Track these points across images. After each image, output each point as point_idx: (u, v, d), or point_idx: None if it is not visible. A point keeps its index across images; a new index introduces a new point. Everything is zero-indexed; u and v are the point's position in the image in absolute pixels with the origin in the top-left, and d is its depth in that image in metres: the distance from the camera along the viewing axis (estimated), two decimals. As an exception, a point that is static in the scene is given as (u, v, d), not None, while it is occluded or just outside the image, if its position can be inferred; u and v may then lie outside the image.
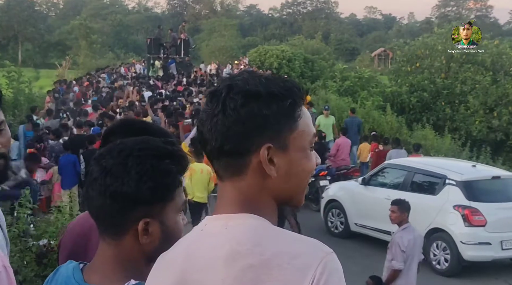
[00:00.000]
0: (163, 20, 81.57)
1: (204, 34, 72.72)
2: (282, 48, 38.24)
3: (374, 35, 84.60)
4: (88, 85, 25.45)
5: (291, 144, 1.28)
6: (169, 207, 1.50)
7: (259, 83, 1.28)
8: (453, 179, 9.72)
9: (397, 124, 21.53)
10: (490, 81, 24.43)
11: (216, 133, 1.27)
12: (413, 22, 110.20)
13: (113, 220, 1.48)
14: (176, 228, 1.53)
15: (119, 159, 1.48)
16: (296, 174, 1.30)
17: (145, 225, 1.47)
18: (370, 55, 62.15)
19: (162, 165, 1.48)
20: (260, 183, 1.28)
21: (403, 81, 26.73)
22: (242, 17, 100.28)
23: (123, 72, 33.79)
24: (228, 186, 1.31)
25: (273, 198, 1.30)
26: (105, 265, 1.51)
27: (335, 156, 14.22)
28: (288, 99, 1.28)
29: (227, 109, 1.25)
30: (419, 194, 10.14)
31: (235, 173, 1.29)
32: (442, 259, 9.61)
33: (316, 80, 31.68)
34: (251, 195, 1.28)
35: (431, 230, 9.68)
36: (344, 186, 11.80)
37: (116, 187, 1.45)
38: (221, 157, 1.29)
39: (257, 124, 1.25)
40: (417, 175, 10.42)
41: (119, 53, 61.63)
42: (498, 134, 23.75)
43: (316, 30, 73.95)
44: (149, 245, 1.49)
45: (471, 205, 9.33)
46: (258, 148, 1.26)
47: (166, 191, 1.49)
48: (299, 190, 1.33)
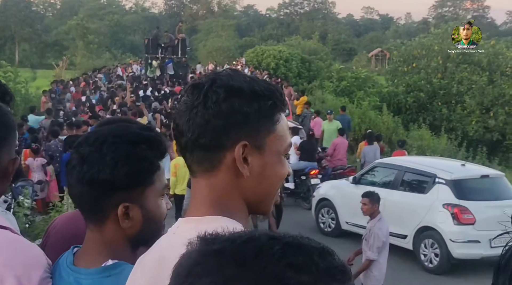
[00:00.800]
0: (161, 21, 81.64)
1: (202, 34, 72.74)
2: (279, 48, 38.25)
3: (371, 36, 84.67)
4: (85, 85, 25.45)
5: (267, 146, 1.28)
6: (148, 191, 1.52)
7: (243, 81, 1.27)
8: (443, 178, 9.83)
9: (394, 124, 21.59)
10: (487, 82, 24.48)
11: (193, 125, 1.26)
12: (410, 22, 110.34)
13: (93, 207, 1.51)
14: (157, 212, 1.55)
15: (95, 146, 1.49)
16: (269, 178, 1.29)
17: (125, 210, 1.49)
18: (367, 55, 62.19)
19: (137, 150, 1.50)
20: (232, 181, 1.27)
21: (399, 81, 26.77)
22: (240, 17, 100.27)
23: (120, 73, 33.79)
24: (201, 183, 1.30)
25: (244, 200, 1.30)
26: (91, 249, 1.55)
27: (332, 156, 14.28)
28: (270, 100, 1.28)
29: (208, 101, 1.24)
30: (409, 192, 10.34)
31: (208, 168, 1.28)
32: (432, 257, 9.72)
33: (313, 81, 31.72)
34: (223, 194, 1.28)
35: (421, 228, 9.82)
36: (335, 185, 11.89)
37: (93, 174, 1.47)
38: (196, 150, 1.28)
39: (237, 120, 1.25)
40: (407, 174, 10.54)
41: (116, 53, 61.57)
42: (494, 134, 23.81)
43: (313, 30, 73.93)
44: (131, 229, 1.52)
45: (460, 204, 9.45)
46: (234, 144, 1.25)
47: (143, 175, 1.50)
48: (269, 195, 1.33)
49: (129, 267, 1.48)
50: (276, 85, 1.35)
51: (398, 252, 10.03)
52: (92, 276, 1.50)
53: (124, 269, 1.48)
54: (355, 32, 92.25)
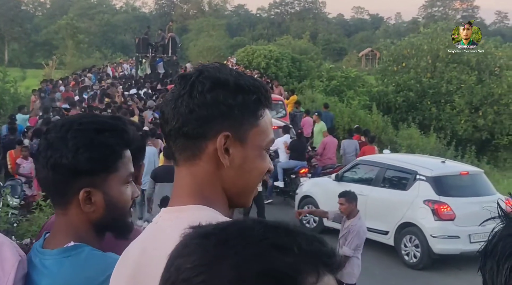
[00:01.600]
0: (151, 20, 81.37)
1: (192, 34, 72.59)
2: (270, 48, 38.25)
3: (361, 35, 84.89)
4: (74, 85, 25.36)
5: (249, 139, 1.31)
6: (112, 178, 1.56)
7: (230, 74, 1.31)
8: (424, 175, 9.97)
9: (383, 123, 21.66)
10: (476, 81, 24.61)
11: (178, 114, 1.29)
12: (400, 22, 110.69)
13: (57, 191, 1.58)
14: (121, 199, 1.59)
15: (61, 133, 1.55)
16: (249, 170, 1.32)
17: (87, 195, 1.54)
18: (357, 55, 62.34)
19: (100, 137, 1.55)
20: (213, 171, 1.30)
21: (389, 81, 26.86)
22: (230, 17, 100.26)
23: (110, 72, 33.71)
24: (183, 172, 1.33)
25: (224, 191, 1.32)
26: (58, 232, 1.60)
27: (322, 155, 14.32)
28: (254, 95, 1.31)
29: (194, 91, 1.28)
30: (391, 189, 10.50)
31: (190, 156, 1.31)
32: (412, 253, 9.83)
33: (303, 80, 31.74)
34: (203, 183, 1.30)
35: (402, 224, 9.95)
36: (318, 182, 11.99)
37: (56, 158, 1.53)
38: (179, 138, 1.31)
39: (220, 111, 1.27)
40: (388, 171, 10.69)
41: (106, 53, 61.38)
42: (483, 133, 23.95)
43: (303, 30, 74.02)
44: (94, 214, 1.57)
45: (440, 200, 9.59)
46: (217, 135, 1.28)
47: (105, 162, 1.55)
48: (249, 188, 1.35)
49: (89, 249, 1.54)
50: (262, 82, 1.39)
51: (380, 248, 10.14)
52: (53, 257, 1.55)
53: (84, 250, 1.53)
54: (346, 32, 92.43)
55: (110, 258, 1.52)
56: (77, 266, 1.51)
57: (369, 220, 10.50)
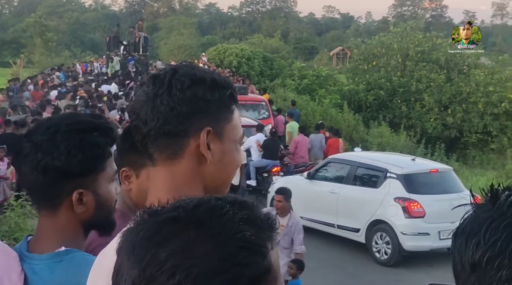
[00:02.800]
0: (121, 18, 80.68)
1: (163, 32, 72.19)
2: (241, 46, 38.28)
3: (332, 34, 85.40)
4: (43, 83, 25.02)
5: (226, 134, 1.33)
6: (101, 177, 1.58)
7: (203, 71, 1.33)
8: (394, 172, 10.08)
9: (354, 122, 21.84)
10: (445, 80, 24.97)
11: (158, 113, 1.28)
12: (370, 21, 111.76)
13: (47, 193, 1.55)
14: (109, 197, 1.61)
15: (48, 135, 1.54)
16: (227, 164, 1.34)
17: (79, 196, 1.55)
18: (328, 54, 62.68)
19: (90, 138, 1.55)
20: (194, 168, 1.31)
21: (360, 79, 27.09)
22: (201, 15, 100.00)
23: (79, 71, 33.38)
24: (161, 171, 1.32)
25: (203, 187, 1.32)
26: (45, 236, 1.58)
27: (294, 154, 14.38)
28: (229, 90, 1.34)
29: (173, 89, 1.28)
30: (362, 187, 10.60)
31: (171, 155, 1.31)
32: (383, 250, 9.94)
33: (275, 79, 31.84)
34: (183, 181, 1.31)
35: (373, 222, 10.05)
36: (290, 180, 12.01)
37: (47, 161, 1.51)
38: (160, 137, 1.30)
39: (200, 107, 1.29)
40: (359, 169, 10.78)
41: (76, 51, 60.74)
42: (452, 131, 24.30)
43: (275, 29, 74.16)
44: (84, 214, 1.57)
45: (410, 197, 9.69)
46: (198, 131, 1.29)
47: (96, 162, 1.56)
48: (226, 182, 1.37)
49: (81, 254, 1.53)
50: (229, 79, 1.41)
51: (351, 245, 10.24)
52: (44, 261, 1.53)
53: (76, 255, 1.53)
54: (317, 31, 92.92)
55: None
56: (70, 272, 1.50)
57: (340, 217, 10.61)
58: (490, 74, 24.73)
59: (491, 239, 0.71)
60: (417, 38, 27.01)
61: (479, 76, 24.44)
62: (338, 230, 10.66)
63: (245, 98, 18.39)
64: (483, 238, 0.72)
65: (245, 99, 18.30)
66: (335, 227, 10.70)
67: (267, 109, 18.80)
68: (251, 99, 19.37)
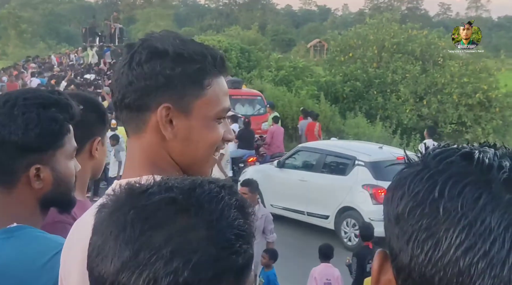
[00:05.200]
0: (97, 10, 79.91)
1: (139, 24, 71.64)
2: (219, 38, 38.07)
3: (309, 27, 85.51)
4: (17, 74, 24.72)
5: (194, 110, 1.27)
6: (59, 153, 1.55)
7: (171, 43, 1.27)
8: (362, 160, 10.28)
9: (331, 113, 21.94)
10: (420, 71, 25.14)
11: (119, 85, 1.27)
12: (347, 13, 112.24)
13: (4, 169, 1.53)
14: (67, 173, 1.59)
15: (5, 109, 1.51)
16: (196, 142, 1.29)
17: (37, 171, 1.52)
18: (305, 46, 62.75)
19: (48, 113, 1.52)
20: (159, 143, 1.28)
21: (337, 71, 27.17)
22: (178, 7, 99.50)
23: (55, 62, 33.07)
24: (133, 143, 1.32)
25: (176, 162, 1.30)
26: (1, 212, 1.55)
27: (270, 144, 14.43)
28: (197, 64, 1.27)
29: (132, 62, 1.26)
30: (331, 175, 10.79)
31: (135, 129, 1.30)
32: (352, 236, 10.12)
33: (252, 70, 31.80)
34: (152, 155, 1.29)
35: (342, 209, 10.24)
36: (260, 169, 12.15)
37: (4, 135, 1.50)
38: (123, 110, 1.30)
39: (159, 82, 1.25)
40: (328, 157, 10.97)
41: (51, 43, 60.00)
42: (427, 122, 24.49)
43: (252, 21, 73.98)
44: (42, 191, 1.54)
45: (378, 184, 9.82)
46: (158, 106, 1.25)
47: (54, 137, 1.54)
48: (200, 160, 1.32)
49: (32, 230, 1.51)
50: (214, 49, 1.33)
51: (321, 232, 10.36)
52: None
53: (26, 232, 1.50)
54: (294, 23, 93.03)
55: (53, 240, 1.49)
56: (18, 248, 1.47)
57: (310, 205, 10.76)
58: (465, 66, 24.95)
59: (414, 190, 0.73)
60: (393, 29, 27.17)
61: (454, 68, 24.65)
62: (308, 217, 10.82)
63: (239, 92, 17.88)
64: (407, 190, 0.74)
65: (239, 93, 17.83)
66: (305, 214, 10.86)
67: (263, 105, 18.12)
68: (246, 93, 18.70)
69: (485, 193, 0.69)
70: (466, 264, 0.68)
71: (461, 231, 0.68)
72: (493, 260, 0.67)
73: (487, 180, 0.70)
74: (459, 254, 0.68)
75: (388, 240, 0.77)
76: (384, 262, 0.78)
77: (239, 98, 17.59)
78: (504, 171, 0.71)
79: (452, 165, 0.73)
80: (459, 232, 0.68)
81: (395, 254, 0.75)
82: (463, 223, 0.69)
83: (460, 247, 0.68)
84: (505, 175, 0.71)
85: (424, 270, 0.71)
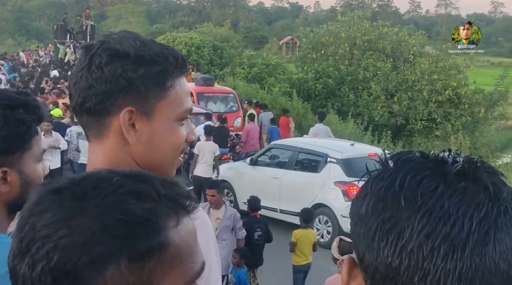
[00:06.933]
0: (67, 6, 78.91)
1: (110, 21, 71.03)
2: (191, 35, 37.91)
3: (282, 24, 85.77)
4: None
5: (157, 112, 1.24)
6: (27, 156, 1.50)
7: (132, 45, 1.23)
8: (334, 157, 10.36)
9: (303, 110, 22.04)
10: (391, 68, 25.42)
11: (79, 89, 1.23)
12: (319, 11, 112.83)
13: None
14: (35, 176, 1.54)
15: None
16: (159, 145, 1.26)
17: (3, 174, 1.47)
18: (278, 43, 62.89)
19: (15, 114, 1.47)
20: (122, 148, 1.25)
21: (309, 68, 27.32)
22: (150, 4, 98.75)
23: (24, 59, 32.61)
24: (94, 148, 1.28)
25: (140, 166, 1.26)
26: None
27: (245, 142, 14.46)
28: (159, 66, 1.24)
29: (92, 65, 1.21)
30: (303, 172, 10.84)
31: (97, 134, 1.26)
32: (324, 232, 10.22)
33: (225, 68, 31.77)
34: (115, 160, 1.24)
35: (314, 205, 10.18)
36: (233, 167, 12.17)
37: None
38: (83, 114, 1.26)
39: (120, 85, 1.21)
40: (301, 154, 11.04)
41: (20, 40, 59.09)
42: (398, 119, 24.82)
43: (224, 18, 73.83)
44: (8, 194, 1.49)
45: (350, 181, 9.89)
46: (120, 110, 1.22)
47: (21, 140, 1.49)
48: (165, 162, 1.29)
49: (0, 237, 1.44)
50: (175, 51, 1.30)
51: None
52: None
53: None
54: (266, 20, 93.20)
55: None
56: None
57: (283, 202, 10.81)
58: (435, 63, 25.30)
59: (376, 188, 0.78)
60: (364, 27, 27.43)
61: (424, 65, 24.98)
62: (281, 215, 10.85)
63: (212, 90, 17.66)
64: (370, 190, 0.79)
65: (212, 91, 17.61)
66: (277, 212, 10.89)
67: (236, 102, 17.88)
68: (219, 91, 18.34)
69: (442, 182, 0.75)
70: (429, 248, 0.73)
71: (422, 217, 0.74)
72: (454, 242, 0.72)
73: (442, 172, 0.77)
74: (422, 239, 0.73)
75: (355, 244, 0.81)
76: (352, 268, 0.82)
77: (211, 95, 17.49)
78: (457, 164, 0.78)
79: (409, 162, 0.79)
80: (420, 218, 0.74)
81: (362, 254, 0.79)
82: (423, 210, 0.74)
83: (422, 231, 0.73)
84: (459, 166, 0.77)
85: (390, 260, 0.75)
